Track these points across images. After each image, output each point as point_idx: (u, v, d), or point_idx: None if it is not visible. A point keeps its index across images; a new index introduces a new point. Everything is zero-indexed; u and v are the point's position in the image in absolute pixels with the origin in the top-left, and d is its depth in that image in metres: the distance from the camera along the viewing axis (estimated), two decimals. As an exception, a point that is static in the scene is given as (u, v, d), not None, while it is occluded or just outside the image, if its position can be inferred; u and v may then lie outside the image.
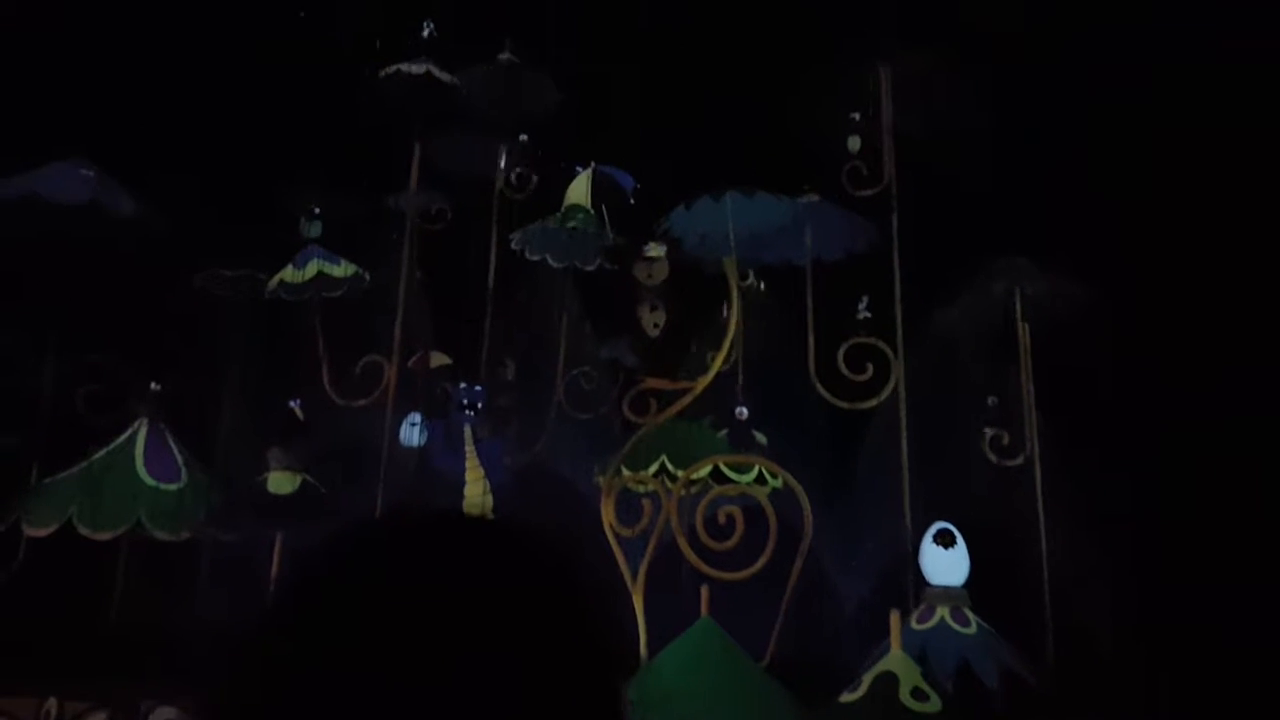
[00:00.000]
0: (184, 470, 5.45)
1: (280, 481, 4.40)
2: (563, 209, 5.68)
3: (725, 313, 5.87)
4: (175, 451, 5.57)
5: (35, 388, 6.15)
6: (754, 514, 4.81)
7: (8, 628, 5.23)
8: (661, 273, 4.79)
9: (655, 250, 4.78)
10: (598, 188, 5.44)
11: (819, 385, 5.75)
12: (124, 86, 7.05)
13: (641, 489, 5.00)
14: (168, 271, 6.87)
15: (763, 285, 6.04)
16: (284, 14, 7.36)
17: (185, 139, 6.99)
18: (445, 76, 5.74)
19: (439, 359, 5.51)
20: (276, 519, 4.31)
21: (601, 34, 6.53)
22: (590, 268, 6.82)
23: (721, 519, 4.69)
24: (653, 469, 5.20)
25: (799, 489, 4.75)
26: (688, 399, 4.88)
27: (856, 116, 6.16)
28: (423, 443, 6.23)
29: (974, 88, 6.05)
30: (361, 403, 5.52)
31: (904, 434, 5.71)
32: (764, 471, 5.76)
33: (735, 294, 4.95)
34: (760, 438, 5.57)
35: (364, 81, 5.89)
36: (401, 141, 6.98)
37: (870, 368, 5.72)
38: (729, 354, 5.20)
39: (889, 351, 5.74)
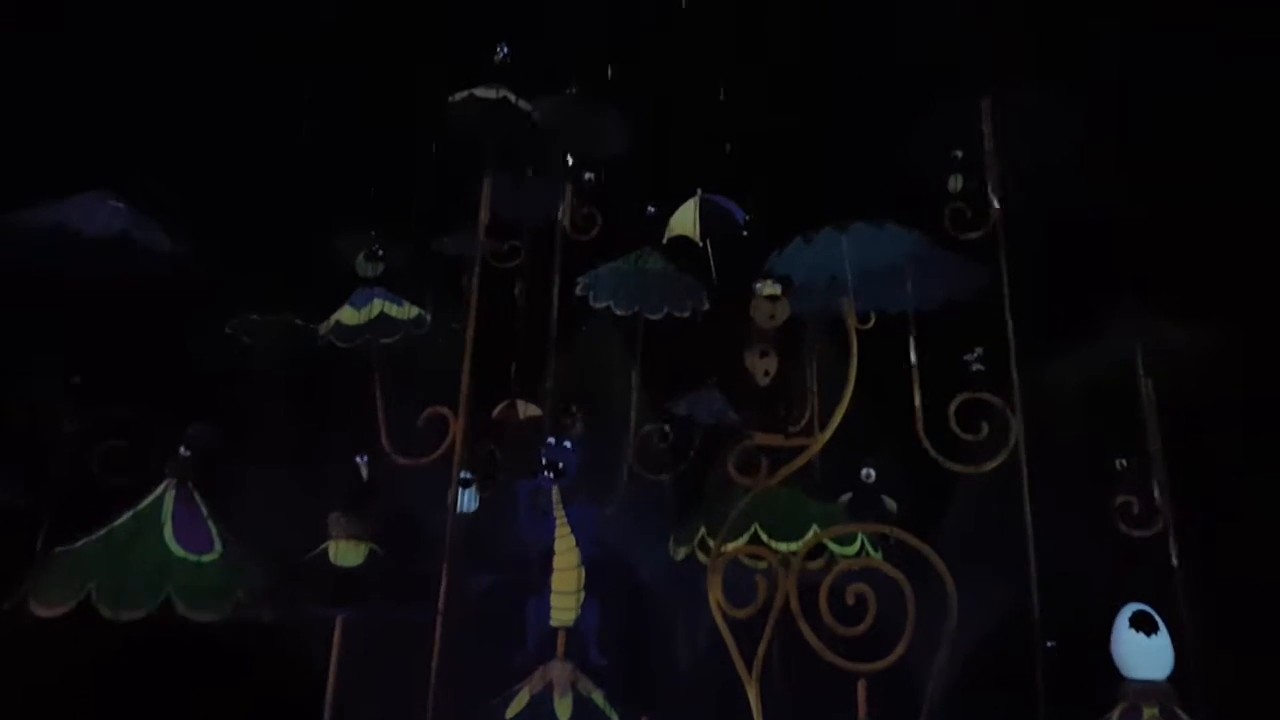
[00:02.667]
0: (218, 540, 4.79)
1: (345, 552, 3.75)
2: (665, 239, 5.12)
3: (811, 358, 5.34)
4: (207, 518, 4.91)
5: (49, 441, 5.49)
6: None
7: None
8: (784, 313, 4.22)
9: (771, 288, 4.22)
10: (706, 218, 4.89)
11: (929, 445, 5.16)
12: (159, 119, 6.59)
13: (759, 564, 4.36)
14: (199, 315, 6.31)
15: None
16: (328, 51, 6.94)
17: (219, 176, 6.51)
18: (522, 103, 5.23)
19: (529, 410, 4.89)
20: (342, 597, 3.63)
21: (676, 68, 6.08)
22: (657, 316, 6.29)
23: (850, 599, 4.04)
24: (776, 541, 4.58)
25: (941, 565, 4.11)
26: (804, 457, 4.27)
27: (959, 154, 5.67)
28: (473, 508, 5.60)
29: (1084, 122, 5.60)
30: (424, 461, 4.87)
31: (1026, 500, 5.11)
32: (867, 544, 5.14)
33: (854, 339, 4.38)
34: (890, 503, 4.95)
35: (430, 109, 5.38)
36: (453, 177, 6.52)
37: (985, 426, 5.12)
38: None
39: (1005, 408, 5.15)
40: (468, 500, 5.72)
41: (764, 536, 4.98)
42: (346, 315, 5.02)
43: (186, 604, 4.33)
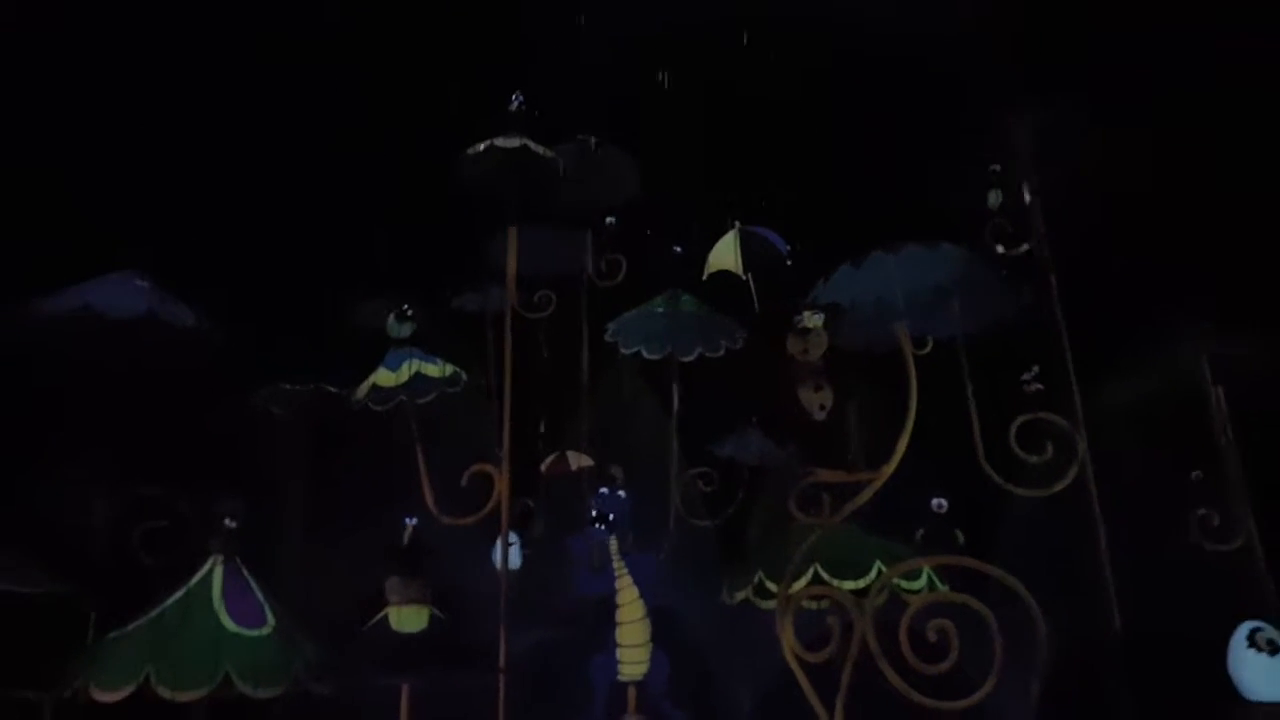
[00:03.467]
0: (269, 613, 4.64)
1: (407, 618, 3.59)
2: (705, 275, 5.00)
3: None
4: (257, 592, 4.77)
5: (86, 525, 5.39)
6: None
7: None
8: (819, 346, 4.08)
9: (812, 320, 4.09)
10: (747, 250, 4.78)
11: (990, 470, 4.97)
12: (173, 193, 6.59)
13: (820, 604, 4.16)
14: (227, 389, 6.24)
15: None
16: (342, 114, 6.96)
17: (235, 248, 6.49)
18: (542, 150, 5.17)
19: (581, 460, 4.75)
20: (407, 664, 3.47)
21: (695, 97, 6.03)
22: (689, 358, 6.16)
23: (932, 636, 3.84)
24: (838, 580, 4.38)
25: (1027, 595, 3.91)
26: (870, 491, 4.10)
27: (997, 169, 5.56)
28: (516, 564, 5.44)
29: (1123, 131, 5.49)
30: (470, 520, 4.72)
31: (1100, 521, 4.91)
32: (933, 578, 4.93)
33: (911, 365, 4.23)
34: (959, 536, 4.76)
35: (449, 162, 5.33)
36: (466, 235, 6.47)
37: (1049, 447, 4.93)
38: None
39: (1068, 427, 4.96)
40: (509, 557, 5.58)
41: (825, 576, 4.78)
42: (382, 378, 4.92)
43: (245, 681, 4.18)
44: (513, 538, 5.59)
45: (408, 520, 4.35)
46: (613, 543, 3.93)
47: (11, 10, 6.37)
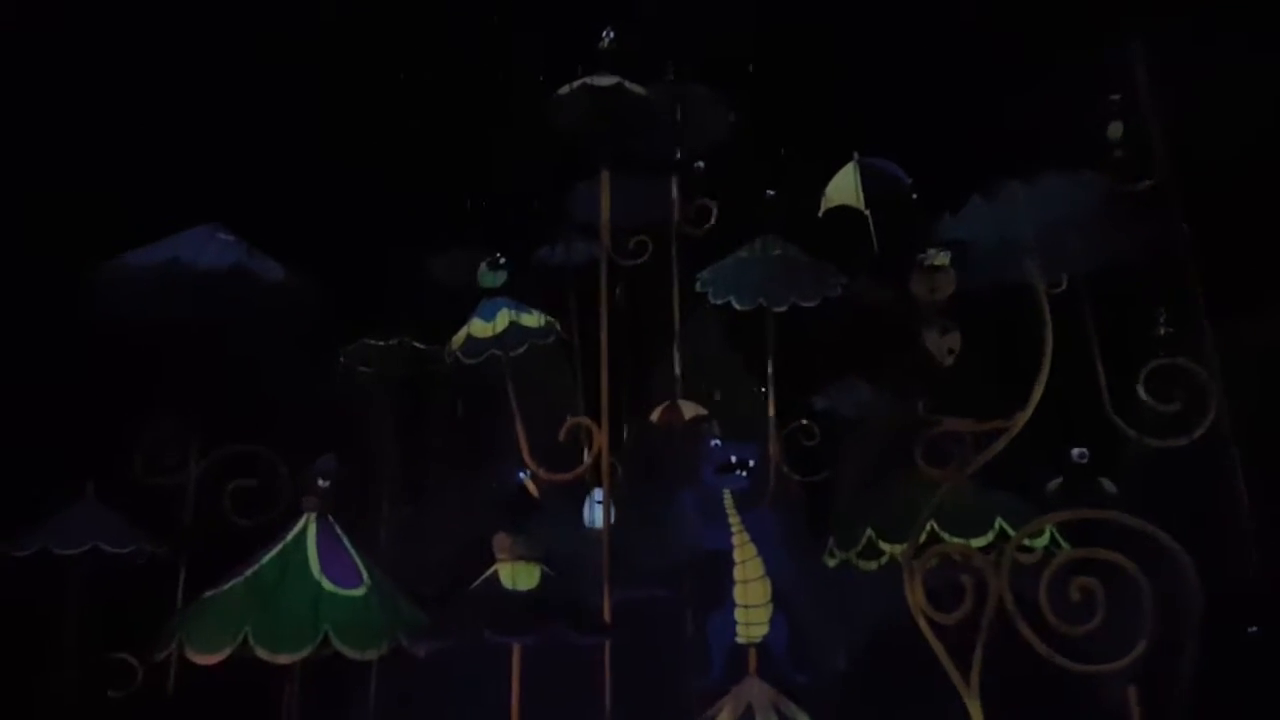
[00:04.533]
0: (364, 572, 4.52)
1: (520, 575, 3.41)
2: (822, 210, 4.72)
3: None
4: (351, 550, 4.65)
5: (177, 484, 5.32)
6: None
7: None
8: (947, 285, 3.80)
9: (939, 258, 3.80)
10: (869, 183, 4.49)
11: (1118, 420, 4.66)
12: (253, 146, 6.47)
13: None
14: (313, 345, 6.14)
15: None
16: (416, 61, 6.76)
17: (310, 203, 6.36)
18: (637, 89, 4.91)
19: (692, 409, 4.54)
20: (520, 623, 3.29)
21: (788, 31, 5.69)
22: (782, 308, 5.89)
23: (1076, 595, 3.57)
24: (956, 539, 4.12)
25: (1178, 549, 3.62)
26: (1003, 440, 3.82)
27: (1115, 99, 5.17)
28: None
29: (1254, 59, 5.04)
30: (571, 476, 4.54)
31: (1239, 475, 4.57)
32: (1056, 536, 4.64)
33: (1045, 306, 3.92)
34: (1108, 485, 4.47)
35: (539, 103, 5.09)
36: (539, 185, 6.27)
37: (1178, 395, 4.60)
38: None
39: (1203, 374, 4.62)
40: (597, 515, 5.41)
41: (944, 535, 4.52)
42: (477, 328, 4.72)
43: (344, 641, 4.06)
44: (601, 495, 5.44)
45: (521, 475, 4.16)
46: (728, 497, 3.70)
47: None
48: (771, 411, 5.54)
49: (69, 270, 5.22)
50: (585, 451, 4.79)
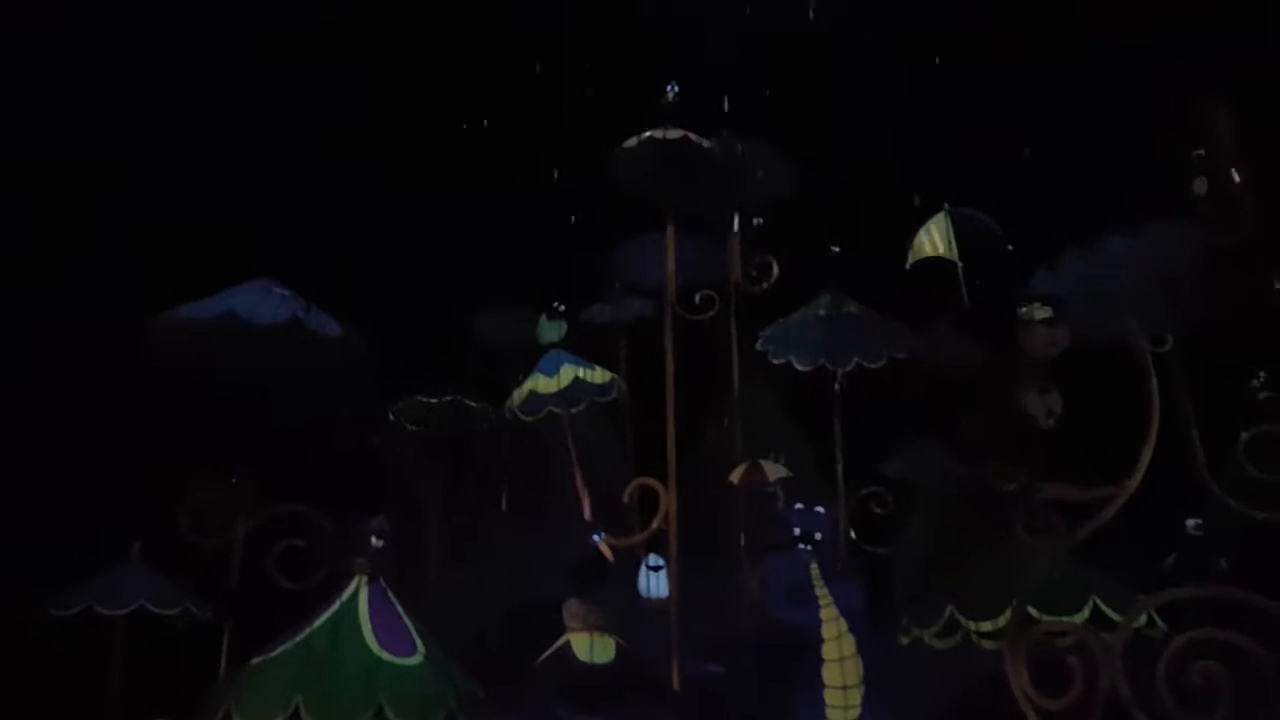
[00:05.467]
0: (418, 639, 4.29)
1: (596, 648, 3.16)
2: (910, 262, 4.53)
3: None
4: (404, 617, 4.44)
5: (223, 544, 5.15)
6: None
7: None
8: (1064, 340, 3.57)
9: (1042, 312, 3.58)
10: (962, 233, 4.30)
11: (1220, 491, 4.36)
12: (307, 201, 6.44)
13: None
14: (365, 402, 6.01)
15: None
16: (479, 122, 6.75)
17: (358, 259, 6.29)
18: (704, 142, 4.80)
19: (776, 470, 4.31)
20: (602, 700, 3.02)
21: (852, 83, 5.57)
22: (846, 369, 5.68)
23: (1197, 680, 3.27)
24: (1075, 616, 3.82)
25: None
26: (1112, 509, 3.54)
27: (1200, 154, 4.97)
28: (663, 593, 5.01)
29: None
30: (637, 540, 4.31)
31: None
32: (1153, 616, 4.32)
33: (1150, 366, 3.68)
34: (1222, 563, 4.16)
35: (603, 158, 5.00)
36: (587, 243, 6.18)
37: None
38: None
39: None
40: (656, 585, 5.16)
41: (1032, 613, 4.21)
42: (540, 383, 4.55)
43: (399, 713, 3.84)
44: (657, 560, 5.19)
45: (596, 537, 3.93)
46: (814, 568, 3.43)
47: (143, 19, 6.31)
48: (840, 477, 5.29)
49: (121, 324, 5.15)
50: (630, 511, 4.56)
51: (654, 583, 5.14)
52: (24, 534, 4.68)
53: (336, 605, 4.32)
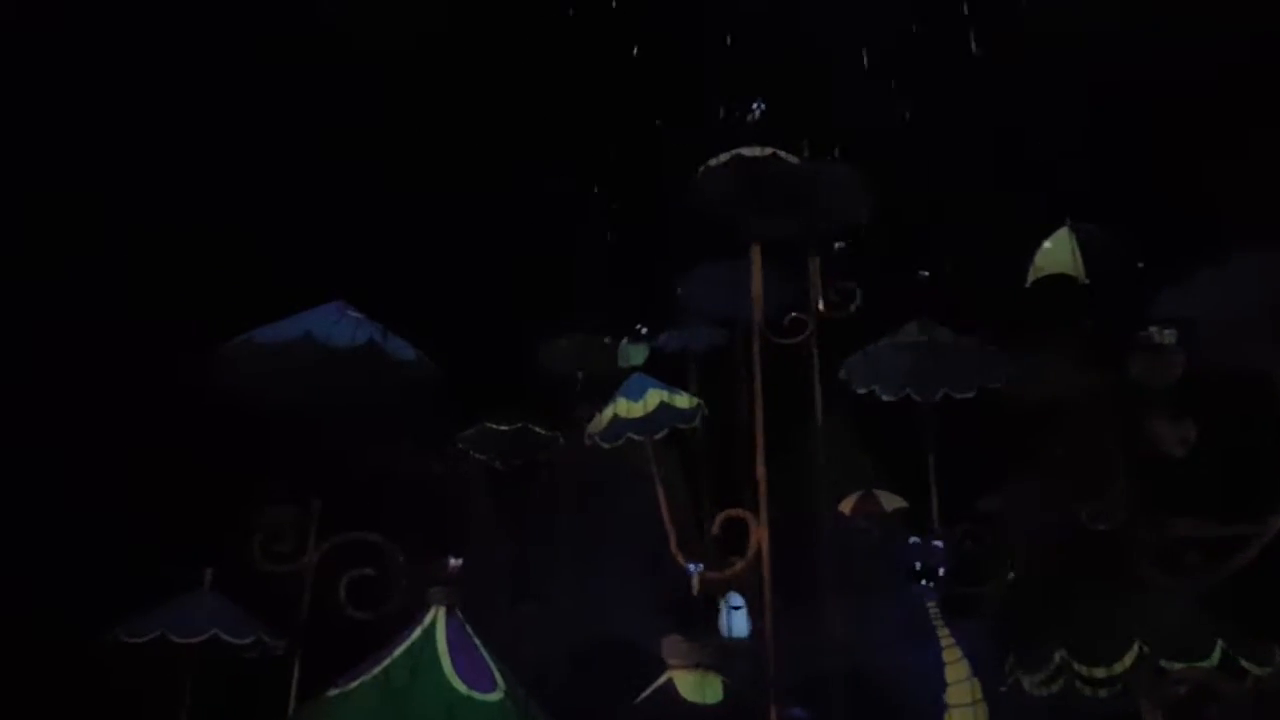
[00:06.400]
0: (497, 674, 4.11)
1: (705, 687, 2.94)
2: (1031, 279, 4.30)
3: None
4: (482, 650, 4.26)
5: (298, 574, 5.03)
6: None
7: None
8: (1176, 368, 3.32)
9: (1164, 336, 3.34)
10: (1088, 250, 4.06)
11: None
12: (377, 227, 6.41)
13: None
14: (433, 430, 5.90)
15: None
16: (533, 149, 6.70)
17: (424, 287, 6.23)
18: (791, 159, 4.65)
19: (891, 501, 4.08)
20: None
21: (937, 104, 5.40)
22: (934, 399, 5.43)
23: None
24: (1201, 663, 3.52)
25: None
26: (1255, 547, 3.26)
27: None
28: (744, 632, 4.79)
29: None
30: (730, 574, 4.08)
31: None
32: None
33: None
34: None
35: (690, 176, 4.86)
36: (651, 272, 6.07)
37: None
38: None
39: None
40: (738, 625, 4.93)
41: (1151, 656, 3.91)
42: (624, 408, 4.36)
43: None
44: (737, 600, 4.98)
45: (692, 569, 3.73)
46: (932, 606, 3.18)
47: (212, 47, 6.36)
48: (934, 513, 5.02)
49: (196, 349, 5.10)
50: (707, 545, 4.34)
51: (735, 622, 4.92)
52: (96, 560, 4.59)
53: (413, 637, 4.17)
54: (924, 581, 3.48)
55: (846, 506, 4.21)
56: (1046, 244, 4.37)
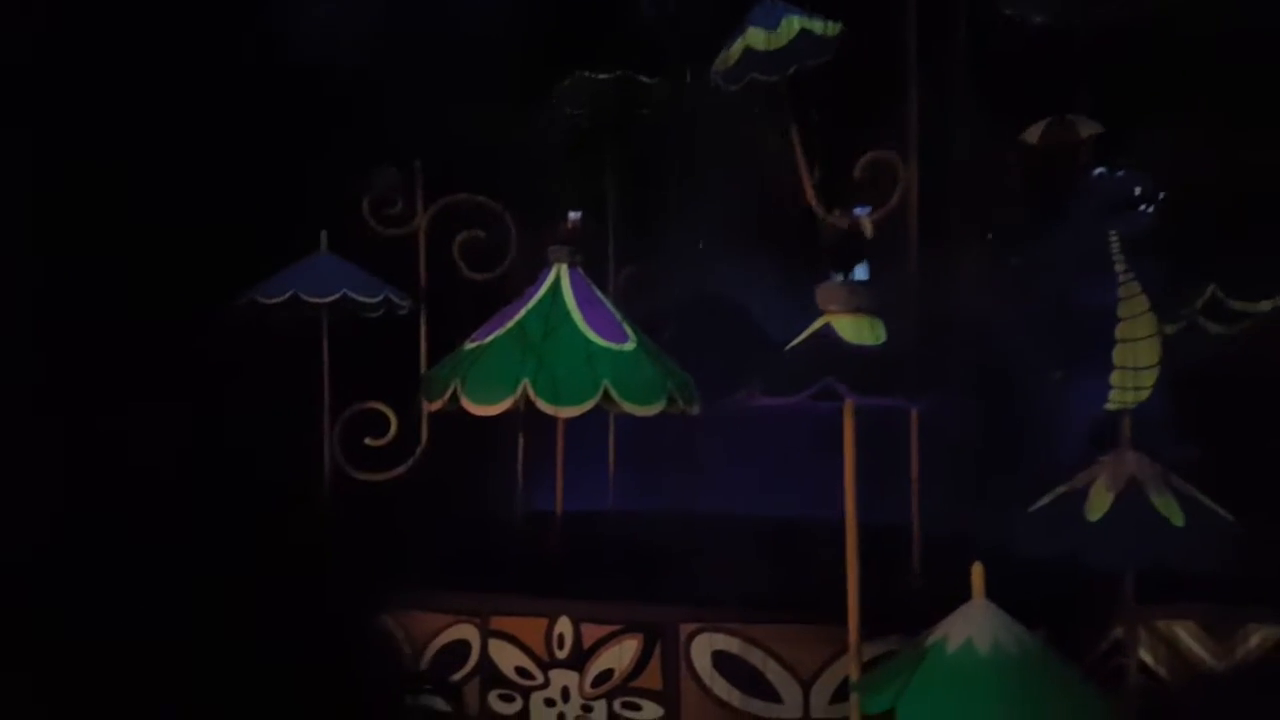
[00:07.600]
0: (627, 327, 4.09)
1: (864, 329, 2.78)
2: None
3: None
4: (608, 304, 4.22)
5: (410, 236, 4.94)
6: None
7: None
8: None
9: None
10: None
11: None
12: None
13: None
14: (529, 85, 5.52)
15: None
16: None
17: None
18: None
19: (1088, 126, 3.70)
20: (869, 385, 2.68)
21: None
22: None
23: None
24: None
25: None
26: None
27: None
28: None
29: None
30: (875, 215, 3.79)
31: None
32: None
33: None
34: None
35: None
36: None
37: None
38: None
39: None
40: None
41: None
42: (757, 39, 3.87)
43: (625, 396, 3.73)
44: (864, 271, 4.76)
45: (858, 211, 3.48)
46: (1114, 238, 2.92)
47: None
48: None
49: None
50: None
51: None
52: (215, 224, 4.52)
53: (540, 293, 4.11)
54: (1143, 206, 3.17)
55: (1034, 135, 3.81)
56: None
